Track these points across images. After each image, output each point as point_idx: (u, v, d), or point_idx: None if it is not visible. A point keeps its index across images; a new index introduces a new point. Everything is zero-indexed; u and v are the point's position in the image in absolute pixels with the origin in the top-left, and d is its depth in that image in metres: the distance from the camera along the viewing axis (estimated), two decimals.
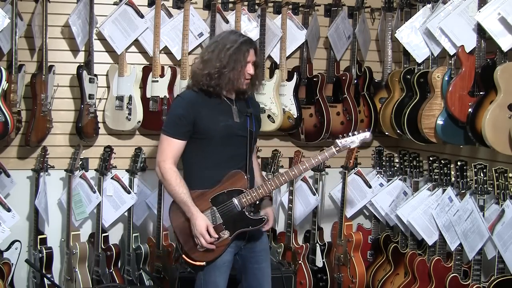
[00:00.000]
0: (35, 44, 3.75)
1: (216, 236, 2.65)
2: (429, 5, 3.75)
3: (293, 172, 2.71)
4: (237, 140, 2.74)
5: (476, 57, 3.29)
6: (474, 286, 3.24)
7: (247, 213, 2.70)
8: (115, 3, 3.97)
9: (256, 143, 2.95)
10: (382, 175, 4.30)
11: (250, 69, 2.71)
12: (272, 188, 2.71)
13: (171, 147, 2.69)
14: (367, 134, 2.77)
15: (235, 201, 2.68)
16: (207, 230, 2.63)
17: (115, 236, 4.12)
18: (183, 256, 2.73)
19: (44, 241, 3.90)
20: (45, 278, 3.78)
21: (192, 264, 2.72)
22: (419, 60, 3.81)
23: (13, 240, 3.76)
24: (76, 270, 3.83)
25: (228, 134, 2.70)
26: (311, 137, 4.22)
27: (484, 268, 3.31)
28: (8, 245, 3.74)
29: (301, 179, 4.24)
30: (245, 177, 2.71)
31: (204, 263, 2.70)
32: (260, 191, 2.69)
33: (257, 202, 2.77)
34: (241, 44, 2.67)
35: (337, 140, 2.74)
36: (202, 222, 2.63)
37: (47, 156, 3.86)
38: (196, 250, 2.70)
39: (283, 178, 2.71)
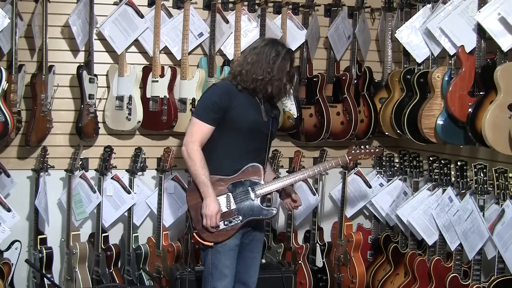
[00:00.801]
0: (35, 44, 3.74)
1: (218, 224, 2.79)
2: (429, 5, 3.75)
3: (307, 173, 2.93)
4: (261, 136, 2.91)
5: (476, 57, 3.29)
6: (474, 286, 3.24)
7: (260, 204, 2.85)
8: (115, 3, 3.97)
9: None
10: (382, 175, 4.30)
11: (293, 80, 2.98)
12: (285, 184, 2.91)
13: (201, 130, 2.82)
14: (377, 151, 3.12)
15: (251, 190, 2.84)
16: (216, 215, 2.77)
17: (115, 236, 4.12)
18: (194, 234, 2.86)
19: (44, 241, 3.90)
20: (45, 278, 3.79)
21: (201, 243, 2.84)
22: (419, 60, 3.81)
23: (13, 240, 3.76)
24: (76, 270, 3.83)
25: (255, 129, 2.86)
26: (311, 137, 4.21)
27: (484, 268, 3.31)
28: (8, 245, 3.74)
29: None
30: (263, 170, 2.87)
31: (212, 244, 2.82)
32: (275, 185, 2.88)
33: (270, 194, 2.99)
34: (285, 54, 2.87)
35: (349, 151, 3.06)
36: (215, 205, 2.77)
37: (47, 156, 3.86)
38: (206, 231, 2.81)
39: (298, 177, 2.94)
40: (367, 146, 3.08)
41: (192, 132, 2.83)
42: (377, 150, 3.10)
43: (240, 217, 2.83)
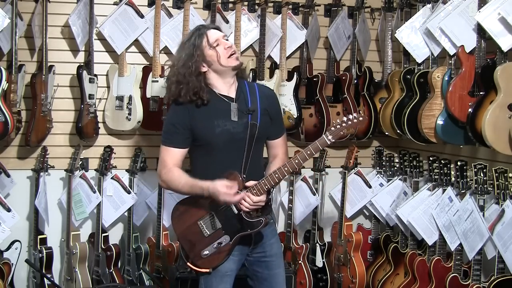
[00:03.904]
0: (35, 44, 3.75)
1: (235, 183, 2.48)
2: (429, 5, 3.75)
3: (285, 168, 2.48)
4: (236, 144, 2.57)
5: (476, 57, 3.29)
6: (474, 286, 3.24)
7: (244, 216, 2.52)
8: (115, 3, 3.97)
9: (275, 137, 2.73)
10: (382, 175, 4.30)
11: (226, 43, 2.53)
12: (267, 187, 2.50)
13: (170, 156, 2.61)
14: (361, 119, 2.47)
15: (232, 204, 2.52)
16: (228, 186, 2.45)
17: (115, 236, 4.12)
18: (189, 263, 2.64)
19: (44, 241, 3.90)
20: (45, 278, 3.79)
21: (198, 271, 2.63)
22: (419, 60, 3.80)
23: (13, 240, 3.76)
24: (76, 270, 3.83)
25: (227, 139, 2.56)
26: (311, 137, 4.21)
27: (484, 268, 3.31)
28: (8, 245, 3.74)
29: (301, 179, 4.24)
30: (239, 177, 2.52)
31: (209, 269, 2.60)
32: (255, 191, 2.50)
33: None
34: (193, 36, 2.56)
35: (328, 129, 2.50)
36: (218, 187, 2.44)
37: (47, 156, 3.86)
38: (200, 258, 2.60)
39: (277, 175, 2.49)
40: (349, 117, 2.45)
41: (162, 161, 2.61)
42: (360, 118, 2.46)
43: (228, 236, 2.56)
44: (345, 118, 2.46)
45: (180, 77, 2.54)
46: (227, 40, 2.58)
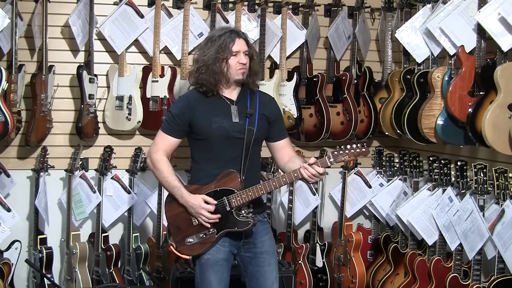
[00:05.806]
0: (35, 44, 3.75)
1: (215, 202, 2.66)
2: (429, 5, 3.75)
3: (284, 179, 2.65)
4: (234, 141, 2.71)
5: (476, 57, 3.29)
6: (474, 286, 3.24)
7: (235, 214, 2.67)
8: (115, 3, 3.97)
9: (278, 139, 2.85)
10: (382, 175, 4.30)
11: (241, 59, 2.69)
12: (262, 192, 2.66)
13: (164, 142, 2.78)
14: (364, 150, 2.62)
15: (226, 201, 2.67)
16: (206, 203, 2.65)
17: (115, 236, 4.12)
18: (171, 247, 2.78)
19: (44, 241, 3.90)
20: (45, 278, 3.79)
21: (178, 256, 2.76)
22: (419, 60, 3.81)
23: (13, 240, 3.76)
24: (76, 270, 3.83)
25: (222, 136, 2.69)
26: (311, 137, 4.21)
27: (484, 268, 3.31)
28: (8, 245, 3.74)
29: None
30: (239, 178, 2.67)
31: (190, 257, 2.75)
32: (250, 193, 2.65)
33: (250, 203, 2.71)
34: (224, 35, 2.69)
35: (329, 153, 2.65)
36: (196, 199, 2.67)
37: (47, 156, 3.86)
38: (183, 244, 2.74)
39: (274, 184, 2.65)
40: (353, 146, 2.61)
41: (156, 143, 2.78)
42: (363, 149, 2.62)
43: (215, 229, 2.68)
44: (349, 146, 2.61)
45: (206, 63, 2.69)
46: (246, 55, 2.72)
